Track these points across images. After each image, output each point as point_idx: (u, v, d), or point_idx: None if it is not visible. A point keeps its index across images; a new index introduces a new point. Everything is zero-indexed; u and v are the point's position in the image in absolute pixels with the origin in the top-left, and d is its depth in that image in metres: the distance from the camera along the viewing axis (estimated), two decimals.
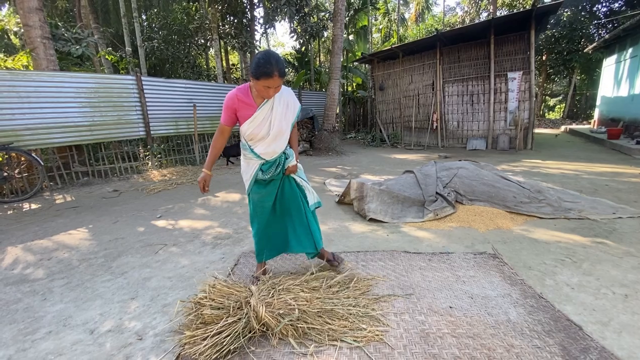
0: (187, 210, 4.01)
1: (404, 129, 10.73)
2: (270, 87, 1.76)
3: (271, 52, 1.77)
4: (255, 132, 1.92)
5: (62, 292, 2.19)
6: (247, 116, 1.89)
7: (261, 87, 1.76)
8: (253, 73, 1.73)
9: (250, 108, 1.89)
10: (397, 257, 2.56)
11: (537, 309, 1.85)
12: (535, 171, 5.62)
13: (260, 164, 2.01)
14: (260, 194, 2.07)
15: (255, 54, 1.82)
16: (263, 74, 1.70)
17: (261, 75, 1.71)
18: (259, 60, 1.72)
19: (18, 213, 4.14)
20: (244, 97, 1.89)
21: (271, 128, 1.93)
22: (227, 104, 1.89)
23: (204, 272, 2.38)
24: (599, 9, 16.76)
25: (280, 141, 1.99)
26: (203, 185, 1.99)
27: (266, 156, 1.99)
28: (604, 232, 2.92)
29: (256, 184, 2.05)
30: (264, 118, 1.91)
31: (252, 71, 1.74)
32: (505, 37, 8.35)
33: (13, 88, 4.81)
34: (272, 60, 1.70)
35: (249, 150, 1.98)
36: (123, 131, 6.23)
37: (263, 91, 1.79)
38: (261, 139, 1.95)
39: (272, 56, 1.73)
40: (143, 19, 12.55)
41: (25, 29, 5.08)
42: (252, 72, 1.74)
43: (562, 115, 19.37)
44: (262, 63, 1.69)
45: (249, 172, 2.03)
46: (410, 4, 29.61)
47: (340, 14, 8.80)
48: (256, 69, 1.71)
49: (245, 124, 1.91)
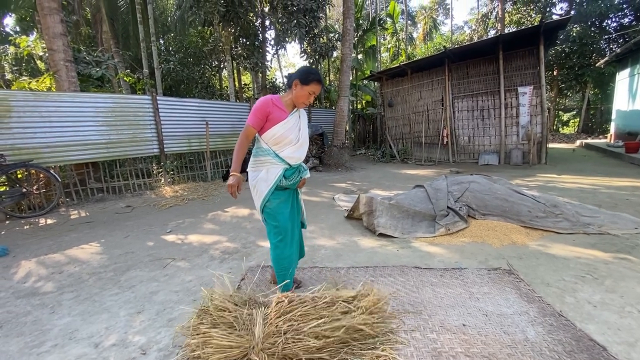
0: (197, 225, 4.04)
1: (414, 145, 10.69)
2: (314, 93, 1.97)
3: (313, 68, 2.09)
4: (286, 134, 1.97)
5: (70, 305, 2.19)
6: (279, 119, 1.96)
7: (306, 93, 1.95)
8: (302, 78, 1.94)
9: (282, 113, 1.99)
10: (408, 272, 2.49)
11: (557, 327, 1.75)
12: (550, 186, 5.47)
13: (284, 169, 2.01)
14: (280, 199, 2.04)
15: (299, 68, 2.07)
16: (314, 80, 1.94)
17: (312, 81, 1.93)
18: (308, 68, 2.01)
19: (34, 228, 4.24)
20: (277, 102, 2.00)
21: (300, 135, 2.04)
22: (261, 107, 1.94)
23: (210, 286, 2.35)
24: (608, 24, 16.70)
25: (305, 149, 2.09)
26: (234, 189, 1.93)
27: (292, 161, 2.02)
28: (626, 248, 2.79)
29: (275, 191, 2.01)
30: (294, 124, 2.02)
31: (300, 77, 1.94)
32: (514, 53, 8.37)
33: (36, 108, 5.04)
34: (318, 72, 2.00)
35: (273, 155, 1.99)
36: (138, 149, 6.40)
37: (305, 97, 1.97)
38: (289, 143, 2.00)
39: (316, 70, 2.03)
40: (161, 42, 13.15)
41: (49, 52, 5.38)
42: (300, 78, 1.94)
43: (577, 130, 19.00)
44: (312, 71, 1.98)
45: (270, 179, 1.98)
46: (418, 24, 30.25)
47: (348, 34, 9.01)
48: (307, 75, 1.94)
49: (277, 126, 1.95)
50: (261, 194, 2.00)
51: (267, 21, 11.04)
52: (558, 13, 18.29)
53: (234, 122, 8.39)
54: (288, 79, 2.11)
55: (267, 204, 2.02)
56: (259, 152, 2.04)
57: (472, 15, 28.59)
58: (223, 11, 8.55)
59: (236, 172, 1.96)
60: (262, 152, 2.02)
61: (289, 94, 2.03)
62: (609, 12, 15.49)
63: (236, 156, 1.98)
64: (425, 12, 30.55)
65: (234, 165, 1.97)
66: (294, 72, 2.07)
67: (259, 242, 3.28)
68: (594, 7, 15.13)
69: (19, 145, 4.91)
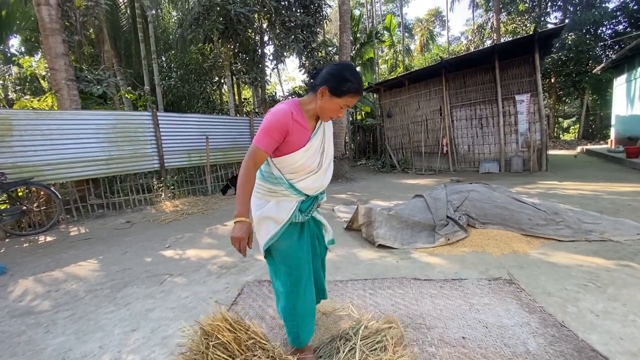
0: (195, 239, 4.02)
1: (414, 154, 10.71)
2: (349, 106, 1.43)
3: (351, 64, 1.43)
4: (307, 164, 1.47)
5: (65, 324, 2.17)
6: (301, 143, 1.43)
7: (337, 107, 1.40)
8: (333, 87, 1.35)
9: (305, 132, 1.44)
10: (407, 284, 2.45)
11: (558, 339, 1.71)
12: (551, 193, 5.43)
13: (300, 202, 1.53)
14: (292, 238, 1.52)
15: (331, 66, 1.40)
16: (350, 91, 1.36)
17: (347, 92, 1.36)
18: (343, 72, 1.36)
19: (33, 245, 4.24)
20: (298, 115, 1.42)
21: (324, 158, 1.54)
22: (278, 123, 1.36)
23: (207, 302, 2.33)
24: (603, 31, 16.91)
25: (330, 173, 1.59)
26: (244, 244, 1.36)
27: (310, 192, 1.54)
28: (629, 254, 2.74)
29: (289, 227, 1.51)
30: (318, 146, 1.50)
31: (331, 85, 1.35)
32: (510, 62, 8.45)
33: (37, 126, 5.11)
34: (357, 74, 1.39)
35: (287, 185, 1.48)
36: (138, 164, 6.45)
37: (334, 112, 1.42)
38: (310, 172, 1.50)
39: (354, 69, 1.41)
40: (162, 60, 13.41)
41: (51, 72, 5.50)
42: (331, 86, 1.35)
43: (577, 136, 19.02)
44: (350, 77, 1.35)
45: (282, 217, 1.48)
46: (415, 36, 30.74)
47: (345, 47, 9.17)
48: (341, 83, 1.34)
49: (296, 154, 1.43)
50: (266, 233, 1.49)
51: (266, 37, 11.28)
52: (552, 22, 18.59)
53: (234, 135, 8.46)
54: (312, 79, 1.48)
55: (274, 244, 1.50)
56: (268, 177, 1.52)
57: (468, 26, 29.06)
58: (222, 28, 8.75)
59: (244, 216, 1.36)
60: (273, 179, 1.50)
61: (312, 100, 1.44)
62: (603, 20, 15.72)
63: (241, 193, 1.38)
64: (421, 24, 31.09)
65: (240, 207, 1.37)
66: (323, 69, 1.43)
67: (257, 256, 3.25)
68: (588, 16, 15.36)
69: (20, 163, 4.97)
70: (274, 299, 2.30)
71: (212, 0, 8.24)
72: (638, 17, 15.46)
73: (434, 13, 33.02)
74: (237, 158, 8.62)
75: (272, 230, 1.48)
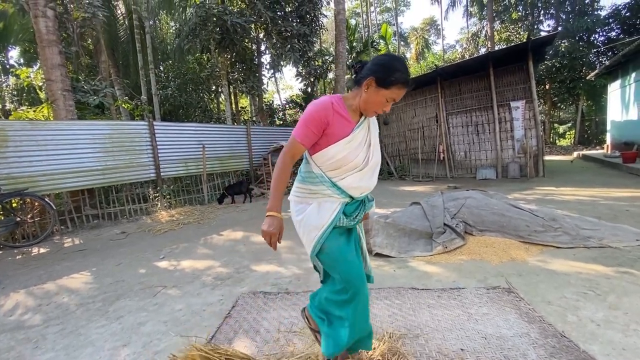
0: (191, 250, 3.97)
1: (411, 161, 10.73)
2: (396, 100, 1.34)
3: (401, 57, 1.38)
4: (350, 157, 1.37)
5: (54, 340, 2.11)
6: (342, 134, 1.35)
7: (382, 99, 1.32)
8: (381, 77, 1.27)
9: (347, 124, 1.37)
10: (404, 294, 2.42)
11: (559, 349, 1.67)
12: (549, 199, 5.42)
13: (344, 204, 1.42)
14: (340, 240, 1.42)
15: (378, 57, 1.34)
16: (398, 81, 1.28)
17: (395, 83, 1.28)
18: (391, 62, 1.29)
19: (26, 257, 4.17)
20: (340, 107, 1.36)
21: (371, 155, 1.43)
22: (318, 114, 1.32)
23: (200, 315, 2.28)
24: (596, 38, 17.17)
25: (376, 174, 1.48)
26: (274, 239, 1.33)
27: (355, 192, 1.42)
28: (628, 261, 2.71)
29: (334, 230, 1.40)
30: (362, 139, 1.40)
31: (378, 74, 1.28)
32: (504, 69, 8.54)
33: (32, 137, 5.09)
34: (405, 65, 1.31)
35: (329, 184, 1.38)
36: (134, 174, 6.42)
37: (380, 105, 1.34)
38: (353, 167, 1.39)
39: (402, 59, 1.34)
40: (160, 69, 13.50)
41: (48, 83, 5.50)
42: (378, 75, 1.28)
43: (573, 142, 19.14)
44: (399, 67, 1.28)
45: (324, 220, 1.37)
46: (411, 44, 31.14)
47: (341, 56, 9.23)
48: (390, 73, 1.27)
49: (337, 145, 1.35)
50: (310, 238, 1.39)
51: (263, 46, 11.38)
52: (545, 30, 18.88)
53: (231, 144, 8.46)
54: (356, 72, 1.39)
55: (322, 247, 1.38)
56: (307, 177, 1.44)
57: (463, 35, 29.48)
58: (219, 38, 8.82)
59: (276, 211, 1.33)
60: (313, 178, 1.41)
61: (356, 95, 1.37)
62: (596, 27, 15.97)
63: (276, 187, 1.34)
64: (417, 32, 31.54)
65: (272, 201, 1.33)
66: (367, 61, 1.38)
67: (252, 267, 3.21)
68: (580, 23, 15.60)
69: (15, 174, 4.93)
70: (268, 310, 2.27)
71: (208, 11, 8.33)
72: (630, 24, 15.73)
73: (429, 22, 33.53)
74: (234, 167, 8.61)
75: (314, 235, 1.38)
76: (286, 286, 2.69)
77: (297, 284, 2.73)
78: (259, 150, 9.16)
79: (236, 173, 8.83)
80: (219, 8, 8.58)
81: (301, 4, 9.91)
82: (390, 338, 1.82)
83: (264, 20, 9.06)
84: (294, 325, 2.05)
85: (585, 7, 16.94)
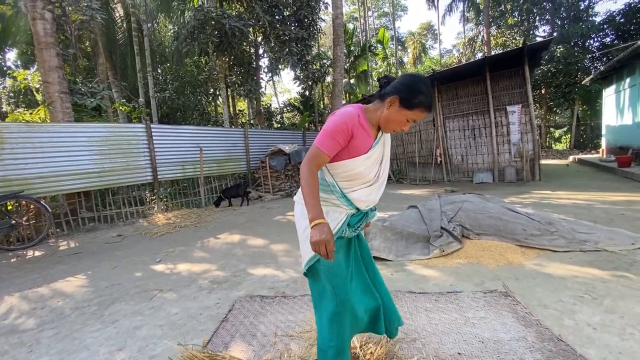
0: (187, 253, 3.95)
1: (408, 165, 10.76)
2: (416, 121, 1.35)
3: (428, 80, 1.34)
4: (366, 172, 1.38)
5: (49, 344, 2.09)
6: (363, 148, 1.35)
7: (403, 119, 1.32)
8: (406, 97, 1.27)
9: (368, 138, 1.37)
10: (402, 297, 2.41)
11: (556, 353, 1.67)
12: (545, 202, 5.45)
13: (349, 215, 1.43)
14: (340, 252, 1.41)
15: (406, 76, 1.33)
16: (421, 104, 1.28)
17: (418, 105, 1.28)
18: (418, 84, 1.28)
19: (21, 260, 4.13)
20: (363, 120, 1.35)
21: (382, 171, 1.46)
22: (345, 125, 1.30)
23: (197, 319, 2.26)
24: (591, 43, 17.38)
25: (383, 188, 1.50)
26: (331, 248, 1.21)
27: (362, 205, 1.43)
28: (624, 265, 2.73)
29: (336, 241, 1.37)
30: (377, 156, 1.43)
31: (404, 94, 1.28)
32: (500, 74, 8.61)
33: (28, 139, 5.06)
34: (430, 89, 1.30)
35: (340, 194, 1.39)
36: (131, 176, 6.39)
37: (400, 124, 1.34)
38: (366, 182, 1.41)
39: (429, 83, 1.32)
40: (158, 72, 13.50)
41: (44, 85, 5.49)
42: (402, 96, 1.28)
43: (569, 146, 19.30)
44: (423, 89, 1.27)
45: (331, 227, 1.31)
46: (408, 49, 31.35)
47: (339, 60, 9.30)
48: (414, 95, 1.27)
49: (357, 160, 1.35)
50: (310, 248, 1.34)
51: (261, 50, 11.41)
52: (541, 35, 19.10)
53: (228, 147, 8.45)
54: (381, 86, 1.39)
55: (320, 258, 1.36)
56: (322, 185, 1.41)
57: (459, 39, 29.72)
58: (217, 42, 8.84)
59: (320, 218, 1.23)
60: (325, 186, 1.41)
61: (378, 109, 1.36)
62: (591, 33, 16.17)
63: (310, 196, 1.26)
64: (414, 37, 31.77)
65: (313, 210, 1.24)
66: (394, 77, 1.38)
67: (249, 270, 3.20)
68: (575, 29, 15.79)
69: (11, 176, 4.90)
70: (265, 314, 2.25)
71: (207, 15, 8.35)
72: (625, 30, 15.94)
73: (426, 27, 33.80)
74: (231, 170, 8.60)
75: None
76: (283, 290, 2.68)
77: (294, 287, 2.72)
78: (256, 153, 9.16)
79: (234, 176, 8.81)
80: (217, 11, 8.61)
81: (299, 8, 9.97)
82: (387, 342, 1.82)
83: (262, 23, 9.10)
84: (291, 330, 2.04)
85: (580, 13, 17.16)
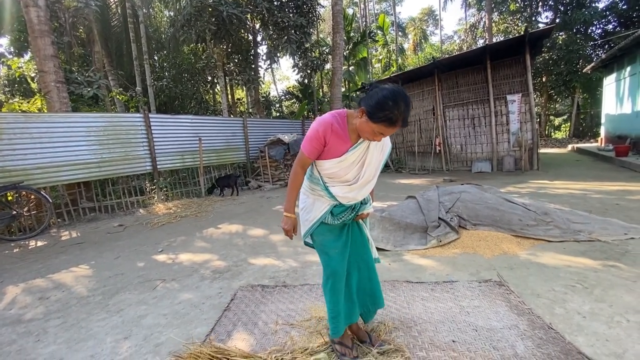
0: (189, 243, 4.00)
1: (408, 154, 10.78)
2: (384, 134, 1.41)
3: (402, 94, 1.34)
4: (340, 174, 1.56)
5: (56, 333, 2.15)
6: (336, 153, 1.52)
7: (370, 130, 1.39)
8: (370, 111, 1.34)
9: (342, 144, 1.51)
10: (399, 287, 2.48)
11: (546, 341, 1.74)
12: (542, 192, 5.51)
13: (332, 205, 1.64)
14: (325, 235, 1.66)
15: (381, 89, 1.36)
16: (384, 120, 1.33)
17: (381, 120, 1.33)
18: (385, 99, 1.31)
19: (24, 251, 4.19)
20: (339, 128, 1.49)
21: (362, 174, 1.57)
22: (317, 133, 1.47)
23: (200, 308, 2.33)
24: (593, 30, 17.14)
25: (366, 189, 1.64)
26: (290, 233, 1.65)
27: (343, 200, 1.61)
28: (616, 255, 2.80)
29: (322, 225, 1.66)
30: (355, 160, 1.55)
31: (369, 107, 1.34)
32: (501, 62, 8.54)
33: (26, 130, 5.04)
34: (402, 105, 1.32)
35: (322, 187, 1.60)
36: (130, 166, 6.40)
37: (369, 134, 1.42)
38: (344, 182, 1.59)
39: (402, 99, 1.33)
40: (155, 60, 13.30)
41: (40, 74, 5.42)
42: (369, 108, 1.34)
43: (569, 134, 19.29)
44: (389, 106, 1.31)
45: (314, 213, 1.64)
46: (409, 35, 30.85)
47: (338, 48, 9.18)
48: (377, 109, 1.32)
49: (329, 162, 1.54)
50: (304, 226, 1.70)
51: (259, 37, 11.24)
52: (543, 21, 18.79)
53: (227, 136, 8.43)
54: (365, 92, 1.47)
55: (312, 236, 1.70)
56: (310, 177, 1.68)
57: (461, 26, 29.25)
58: (214, 29, 8.69)
59: (290, 212, 1.62)
60: (313, 178, 1.66)
61: (357, 116, 1.45)
62: (593, 20, 15.92)
63: (290, 193, 1.62)
64: (414, 23, 31.23)
65: (287, 204, 1.62)
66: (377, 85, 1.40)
67: (250, 260, 3.26)
68: (578, 15, 15.55)
69: (10, 167, 4.90)
70: (266, 303, 2.32)
71: (204, 1, 8.19)
72: (627, 17, 15.71)
73: (427, 12, 33.19)
74: (230, 159, 8.59)
75: (307, 222, 1.67)
76: (284, 279, 2.74)
77: (295, 277, 2.78)
78: (255, 143, 9.14)
79: (233, 166, 8.82)
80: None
81: None
82: (384, 330, 1.88)
83: (260, 10, 8.93)
84: (292, 318, 2.10)
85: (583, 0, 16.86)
